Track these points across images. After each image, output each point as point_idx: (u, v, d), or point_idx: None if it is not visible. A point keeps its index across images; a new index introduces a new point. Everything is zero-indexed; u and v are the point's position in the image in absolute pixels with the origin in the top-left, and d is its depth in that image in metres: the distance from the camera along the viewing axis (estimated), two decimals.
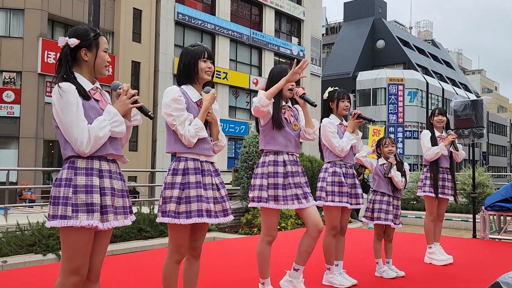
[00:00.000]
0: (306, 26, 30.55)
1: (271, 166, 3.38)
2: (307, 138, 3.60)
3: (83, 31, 2.38)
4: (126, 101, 2.38)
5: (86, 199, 2.21)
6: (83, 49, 2.36)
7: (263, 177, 3.38)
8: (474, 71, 75.69)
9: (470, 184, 13.01)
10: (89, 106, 2.30)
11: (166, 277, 2.86)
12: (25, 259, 6.56)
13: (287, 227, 9.46)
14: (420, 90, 40.01)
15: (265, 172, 3.38)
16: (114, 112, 2.33)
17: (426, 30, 63.18)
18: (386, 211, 4.47)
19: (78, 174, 2.24)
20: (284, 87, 3.35)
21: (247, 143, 11.29)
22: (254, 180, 3.44)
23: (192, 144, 2.76)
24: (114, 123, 2.31)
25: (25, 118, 18.15)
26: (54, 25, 19.73)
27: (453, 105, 7.05)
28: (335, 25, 54.31)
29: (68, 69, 2.32)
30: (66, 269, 2.25)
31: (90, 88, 2.37)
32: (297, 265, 3.63)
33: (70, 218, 2.19)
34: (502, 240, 7.25)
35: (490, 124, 55.03)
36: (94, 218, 2.20)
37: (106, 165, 2.34)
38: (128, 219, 2.41)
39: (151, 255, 5.60)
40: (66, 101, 2.22)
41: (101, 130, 2.25)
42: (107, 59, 2.43)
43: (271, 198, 3.35)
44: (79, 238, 2.23)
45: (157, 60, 21.93)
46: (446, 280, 4.39)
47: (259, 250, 3.46)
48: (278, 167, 3.38)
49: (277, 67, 3.55)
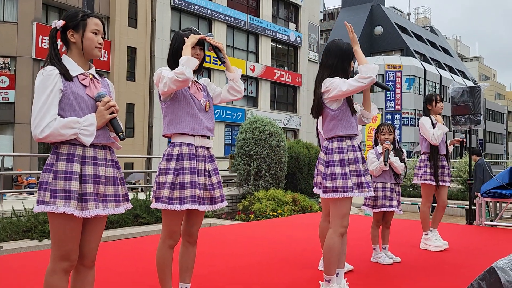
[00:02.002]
0: (303, 12, 30.32)
1: (351, 152, 3.14)
2: (364, 122, 3.44)
3: (72, 13, 2.35)
4: (103, 112, 2.28)
5: (65, 186, 2.17)
6: (70, 30, 2.32)
7: (342, 165, 3.10)
8: (472, 58, 75.58)
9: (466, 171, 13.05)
10: (71, 92, 2.24)
11: (160, 262, 2.86)
12: (21, 244, 6.56)
13: (283, 213, 9.48)
14: (418, 77, 39.95)
15: (345, 159, 3.12)
16: (91, 121, 2.24)
17: (424, 17, 62.89)
18: (390, 198, 4.50)
19: (60, 159, 2.21)
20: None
21: (244, 130, 11.26)
22: (331, 168, 3.12)
23: (174, 85, 2.64)
24: (84, 131, 2.22)
25: (20, 104, 18.03)
26: (49, 9, 19.49)
27: (450, 91, 7.03)
28: (333, 11, 54.00)
29: (53, 51, 2.29)
30: (56, 255, 2.23)
31: (80, 72, 2.32)
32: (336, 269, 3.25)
33: (48, 203, 2.16)
34: (497, 227, 7.28)
35: (487, 111, 55.11)
36: (70, 205, 2.16)
37: (91, 152, 2.27)
38: (121, 207, 2.36)
39: (147, 241, 5.60)
40: (43, 84, 2.19)
41: (67, 129, 2.18)
42: (98, 40, 2.35)
43: (355, 186, 3.11)
44: (64, 225, 2.20)
45: (153, 46, 21.76)
46: (441, 265, 4.41)
47: (329, 243, 3.12)
48: (354, 152, 3.15)
49: (344, 44, 3.25)
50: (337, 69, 3.19)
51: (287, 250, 5.01)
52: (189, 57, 2.68)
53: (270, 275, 3.97)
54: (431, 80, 42.16)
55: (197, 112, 2.83)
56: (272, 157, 10.98)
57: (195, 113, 2.82)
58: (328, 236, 3.14)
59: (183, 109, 2.80)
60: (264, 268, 4.24)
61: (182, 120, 2.79)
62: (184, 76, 2.61)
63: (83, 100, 2.27)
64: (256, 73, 26.58)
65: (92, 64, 2.43)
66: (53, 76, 2.20)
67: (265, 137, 10.98)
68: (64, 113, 2.22)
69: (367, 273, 4.12)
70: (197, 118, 2.82)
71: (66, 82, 2.24)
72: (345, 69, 3.21)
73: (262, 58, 27.25)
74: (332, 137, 3.18)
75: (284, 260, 4.52)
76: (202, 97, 2.89)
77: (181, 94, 2.80)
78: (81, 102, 2.26)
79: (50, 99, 2.18)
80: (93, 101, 2.31)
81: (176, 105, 2.81)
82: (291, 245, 5.34)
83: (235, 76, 3.01)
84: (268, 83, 27.57)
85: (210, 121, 2.92)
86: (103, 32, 2.39)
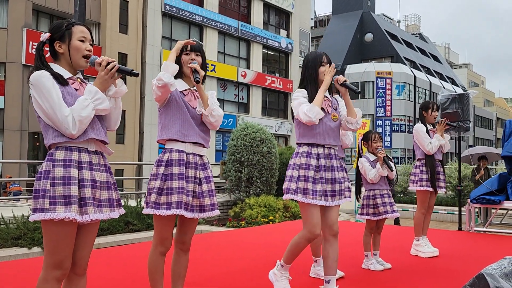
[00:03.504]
0: (294, 19, 30.48)
1: (303, 158, 3.22)
2: (349, 128, 3.39)
3: (57, 24, 2.36)
4: (104, 76, 2.30)
5: (64, 191, 2.17)
6: (56, 42, 2.33)
7: (294, 168, 3.25)
8: (461, 65, 76.35)
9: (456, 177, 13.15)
10: (67, 92, 2.25)
11: (151, 269, 2.85)
12: (10, 252, 6.49)
13: (275, 220, 9.48)
14: (408, 84, 40.26)
15: (297, 163, 3.24)
16: (94, 90, 2.28)
17: (414, 24, 63.51)
18: (390, 203, 4.52)
19: (56, 166, 2.20)
20: (325, 77, 3.20)
21: (235, 136, 11.26)
22: (287, 171, 3.32)
23: (159, 91, 2.67)
24: (97, 100, 2.26)
25: (9, 110, 17.89)
26: (39, 15, 19.41)
27: (440, 98, 7.10)
28: (324, 18, 54.32)
29: (39, 59, 2.29)
30: (49, 263, 2.22)
31: (68, 76, 2.32)
32: (327, 276, 3.30)
33: (48, 210, 2.15)
34: (487, 233, 7.34)
35: (476, 117, 55.64)
36: (71, 210, 2.16)
37: (87, 157, 2.28)
38: (115, 212, 2.37)
39: (138, 248, 5.57)
40: (42, 86, 2.18)
41: (84, 109, 2.21)
42: (86, 47, 2.36)
43: (300, 191, 3.19)
44: (60, 231, 2.19)
45: (144, 52, 21.73)
46: (432, 271, 4.44)
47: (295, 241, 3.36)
48: (311, 159, 3.21)
49: (312, 53, 3.38)
50: (305, 78, 3.31)
51: (278, 256, 5.01)
52: (167, 63, 2.71)
53: (262, 281, 3.96)
54: (421, 87, 42.51)
55: (190, 119, 2.83)
56: (264, 164, 10.99)
57: (187, 119, 2.83)
58: (297, 235, 3.33)
59: (174, 115, 2.82)
60: (256, 274, 4.24)
61: (173, 126, 2.81)
62: (162, 82, 2.64)
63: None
64: (247, 79, 26.63)
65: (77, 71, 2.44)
66: (47, 77, 2.21)
67: (257, 143, 10.99)
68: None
69: (358, 279, 4.14)
70: (189, 125, 2.83)
71: (60, 86, 2.24)
72: (311, 76, 3.29)
73: (253, 64, 27.33)
74: (297, 142, 3.36)
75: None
76: (198, 106, 2.90)
77: (174, 100, 2.82)
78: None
79: (57, 97, 2.19)
80: None
81: (168, 112, 2.83)
82: (283, 251, 5.33)
83: (208, 110, 2.87)
84: (259, 89, 27.64)
85: (206, 130, 2.92)
86: (91, 39, 2.40)
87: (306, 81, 3.30)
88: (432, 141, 5.02)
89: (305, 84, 3.30)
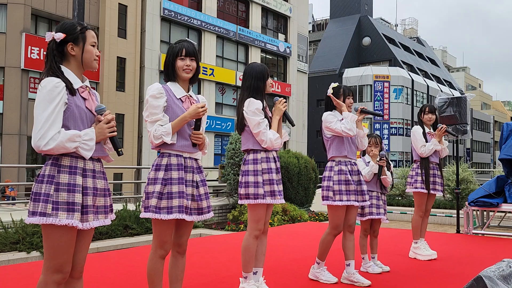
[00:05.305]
0: (292, 23, 30.58)
1: (264, 163, 3.44)
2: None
3: (70, 25, 2.35)
4: (105, 130, 2.32)
5: (68, 198, 2.18)
6: (69, 43, 2.32)
7: (255, 174, 3.41)
8: (459, 68, 76.59)
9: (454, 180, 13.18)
10: (75, 105, 2.26)
11: (151, 273, 2.86)
12: (9, 257, 6.48)
13: (273, 223, 9.48)
14: (406, 87, 40.37)
15: (258, 169, 3.42)
16: (90, 136, 2.27)
17: (412, 28, 63.72)
18: (377, 205, 4.53)
19: (62, 172, 2.21)
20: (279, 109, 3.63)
21: (233, 140, 11.27)
22: (245, 177, 3.43)
23: (153, 144, 2.78)
24: (84, 145, 2.25)
25: (8, 115, 17.89)
26: (38, 20, 19.44)
27: (437, 102, 7.11)
28: (322, 22, 54.44)
29: (55, 63, 2.29)
30: (49, 267, 2.23)
31: (79, 86, 2.34)
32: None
33: (49, 215, 2.15)
34: (485, 235, 7.36)
35: (474, 121, 55.77)
36: (74, 217, 2.17)
37: (91, 165, 2.31)
38: (108, 218, 2.40)
39: (137, 252, 5.57)
40: (50, 96, 2.18)
41: (70, 143, 2.19)
42: (96, 52, 2.39)
43: (268, 194, 3.41)
44: (61, 236, 2.20)
45: (142, 56, 21.77)
46: (430, 274, 4.45)
47: (245, 244, 3.45)
48: (268, 163, 3.46)
49: (255, 66, 3.55)
50: (253, 89, 3.46)
51: (277, 259, 5.02)
52: (174, 127, 2.75)
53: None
54: (419, 90, 42.62)
55: (185, 125, 2.85)
56: None
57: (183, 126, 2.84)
58: (244, 238, 3.45)
59: (172, 121, 2.83)
60: None
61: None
62: (159, 141, 2.73)
63: (84, 113, 2.31)
64: None
65: (84, 76, 2.45)
66: (60, 89, 2.21)
67: None
68: (67, 125, 2.23)
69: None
70: (184, 130, 2.83)
71: (70, 96, 2.26)
72: (259, 88, 3.47)
73: None
74: (246, 149, 3.50)
75: (274, 269, 4.52)
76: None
77: (171, 107, 2.83)
78: (83, 115, 2.30)
79: (56, 112, 2.18)
80: (91, 114, 2.34)
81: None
82: (281, 254, 5.35)
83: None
84: None
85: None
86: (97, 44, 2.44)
87: (254, 91, 3.46)
88: (426, 144, 5.05)
89: (253, 94, 3.46)
